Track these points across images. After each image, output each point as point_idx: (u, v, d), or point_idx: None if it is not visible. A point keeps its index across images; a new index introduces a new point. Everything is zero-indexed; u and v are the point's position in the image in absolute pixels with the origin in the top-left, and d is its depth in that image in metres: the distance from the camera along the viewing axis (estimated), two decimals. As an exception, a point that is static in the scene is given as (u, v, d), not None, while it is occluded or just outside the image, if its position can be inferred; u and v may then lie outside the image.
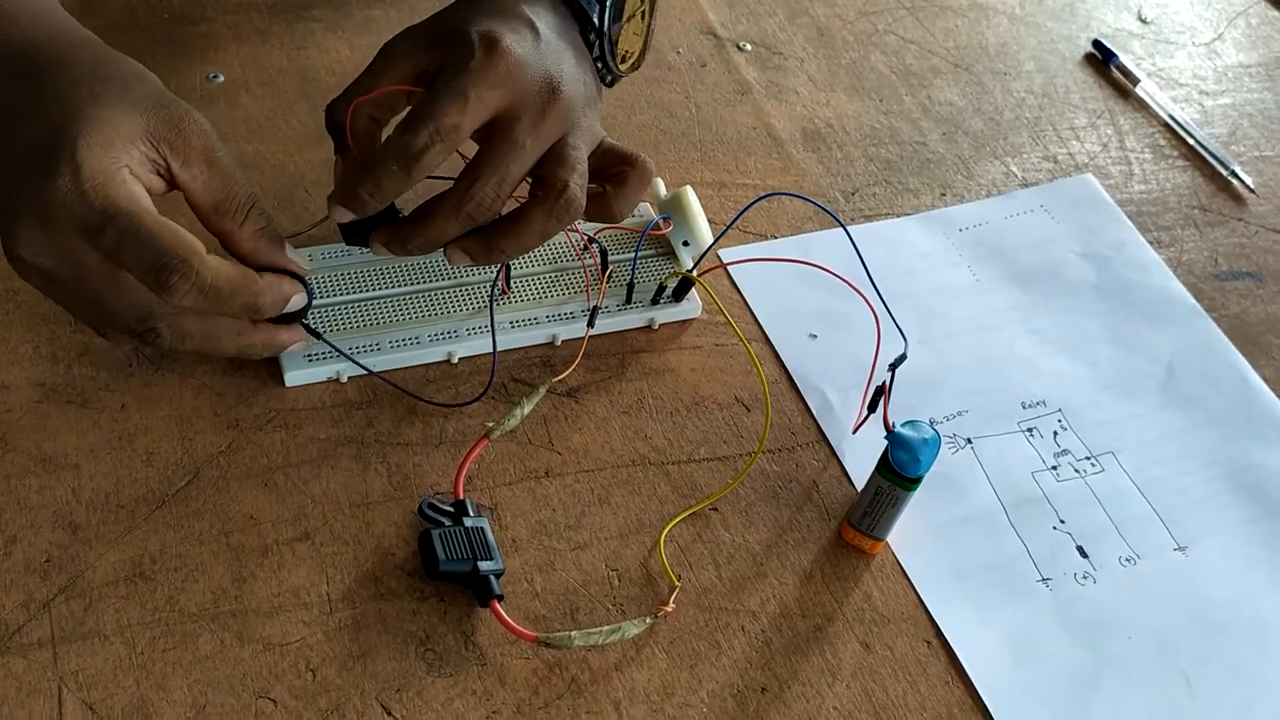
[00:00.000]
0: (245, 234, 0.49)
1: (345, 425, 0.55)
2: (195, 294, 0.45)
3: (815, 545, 0.54)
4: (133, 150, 0.45)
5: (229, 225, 0.48)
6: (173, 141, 0.46)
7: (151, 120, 0.46)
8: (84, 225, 0.44)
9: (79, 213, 0.44)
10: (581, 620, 0.50)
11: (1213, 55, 0.87)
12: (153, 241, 0.44)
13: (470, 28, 0.50)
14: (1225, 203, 0.75)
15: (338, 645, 0.48)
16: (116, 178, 0.45)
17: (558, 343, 0.59)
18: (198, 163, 0.47)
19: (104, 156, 0.44)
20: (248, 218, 0.48)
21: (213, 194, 0.48)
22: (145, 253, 0.44)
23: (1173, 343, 0.66)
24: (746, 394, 0.59)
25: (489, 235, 0.52)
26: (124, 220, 0.44)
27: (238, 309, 0.48)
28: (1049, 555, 0.56)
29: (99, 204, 0.44)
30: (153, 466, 0.52)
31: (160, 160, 0.46)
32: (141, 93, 0.47)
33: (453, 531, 0.50)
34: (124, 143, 0.45)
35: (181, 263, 0.44)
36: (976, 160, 0.75)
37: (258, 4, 0.73)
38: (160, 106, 0.47)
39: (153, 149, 0.46)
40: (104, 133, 0.45)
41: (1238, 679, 0.52)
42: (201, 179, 0.47)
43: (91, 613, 0.47)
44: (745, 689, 0.49)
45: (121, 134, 0.45)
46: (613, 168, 0.55)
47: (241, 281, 0.47)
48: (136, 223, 0.44)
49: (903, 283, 0.66)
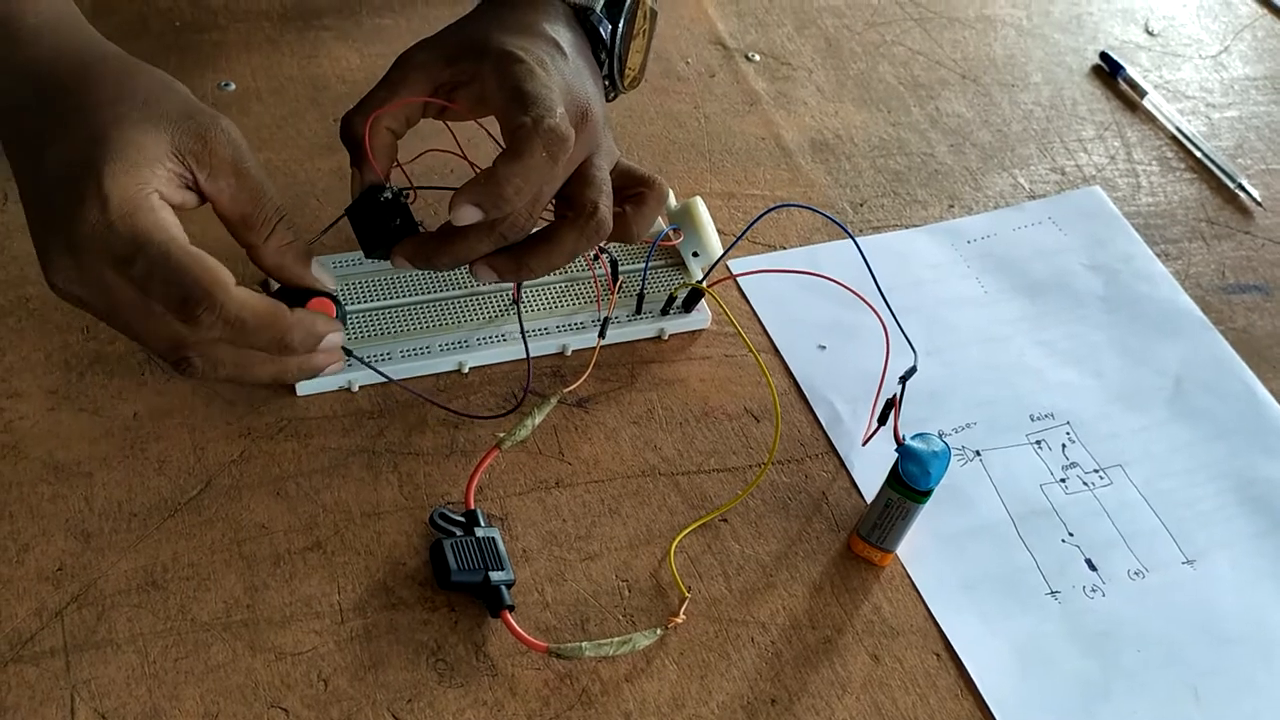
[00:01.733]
0: (270, 248, 0.48)
1: (357, 434, 0.55)
2: (221, 327, 0.45)
3: (825, 557, 0.54)
4: (159, 170, 0.45)
5: (254, 239, 0.48)
6: (199, 154, 0.46)
7: (177, 135, 0.46)
8: (114, 256, 0.44)
9: (108, 244, 0.44)
10: (592, 631, 0.50)
11: (1219, 68, 0.87)
12: (180, 274, 0.44)
13: (499, 46, 0.50)
14: (1232, 215, 0.75)
15: (349, 655, 0.48)
16: (144, 206, 0.44)
17: (568, 353, 0.60)
18: (224, 175, 0.47)
19: (130, 184, 0.44)
20: (274, 232, 0.48)
21: (239, 207, 0.47)
22: (172, 285, 0.44)
23: (1180, 355, 0.66)
24: (756, 405, 0.59)
25: (518, 254, 0.51)
26: (152, 251, 0.44)
27: (265, 344, 0.47)
28: (1058, 568, 0.56)
29: (127, 235, 0.44)
30: (165, 475, 0.52)
31: (188, 174, 0.46)
32: (167, 106, 0.46)
33: (464, 542, 0.50)
34: (150, 164, 0.45)
35: (206, 296, 0.44)
36: (984, 172, 0.75)
37: (268, 12, 0.74)
38: (185, 118, 0.46)
39: (180, 164, 0.46)
40: (129, 157, 0.44)
41: (1245, 691, 0.52)
42: (228, 192, 0.47)
43: (104, 621, 0.47)
44: (755, 700, 0.49)
45: (147, 155, 0.45)
46: (630, 188, 0.56)
47: (269, 317, 0.46)
48: (164, 253, 0.44)
49: (911, 294, 0.66)
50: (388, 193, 0.52)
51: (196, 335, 0.45)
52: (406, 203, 0.54)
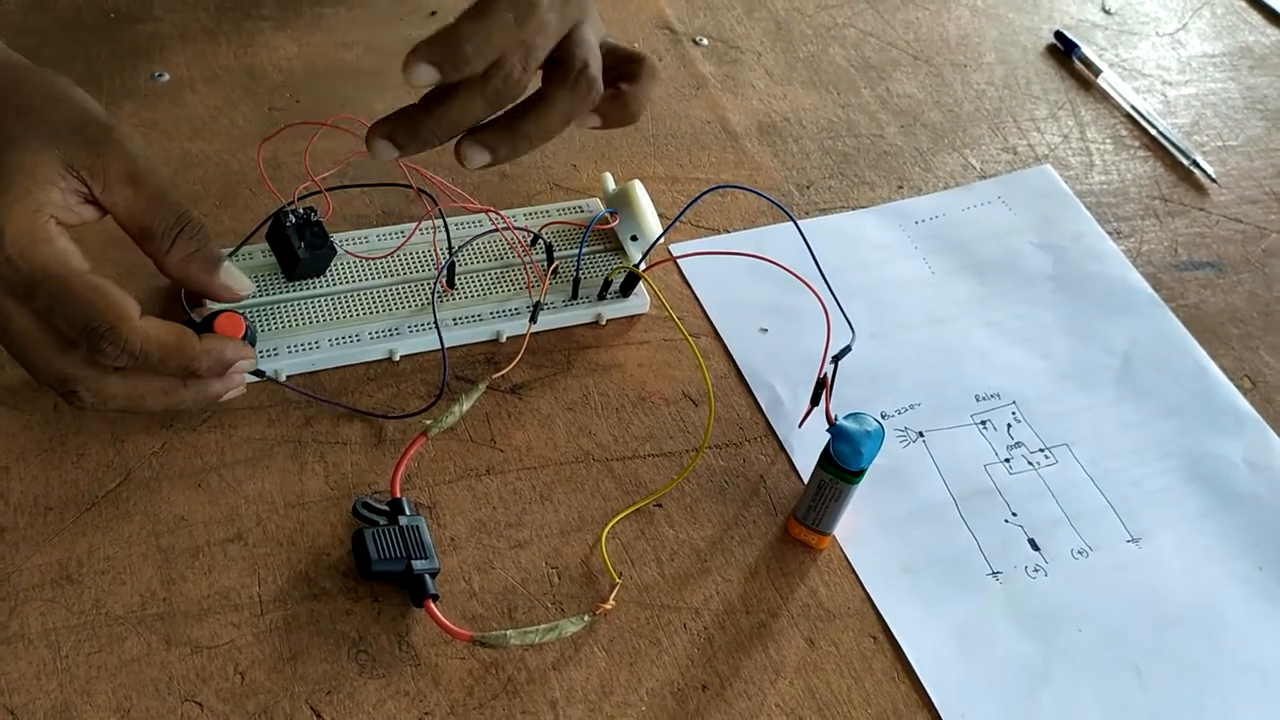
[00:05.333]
0: (173, 259, 0.48)
1: (283, 425, 0.54)
2: (125, 358, 0.45)
3: (761, 541, 0.53)
4: (53, 192, 0.44)
5: (155, 250, 0.47)
6: (91, 167, 0.45)
7: (67, 150, 0.45)
8: (12, 289, 0.44)
9: (6, 276, 0.43)
10: (519, 619, 0.49)
11: (1176, 45, 0.86)
12: (82, 306, 0.43)
13: None
14: (1186, 193, 0.75)
15: (267, 647, 0.47)
16: (41, 236, 0.44)
17: (503, 339, 0.59)
18: (118, 187, 0.46)
19: (24, 214, 0.43)
20: (174, 243, 0.47)
21: (137, 219, 0.47)
22: (74, 318, 0.44)
23: (1129, 333, 0.65)
24: (694, 389, 0.59)
25: (511, 120, 0.50)
26: (52, 285, 0.43)
27: (172, 371, 0.47)
28: (1000, 548, 0.55)
29: (25, 269, 0.43)
30: (83, 468, 0.51)
31: (84, 188, 0.45)
32: (57, 120, 0.45)
33: (387, 530, 0.49)
34: (43, 187, 0.44)
35: (110, 330, 0.44)
36: (934, 152, 0.74)
37: (205, 2, 0.73)
38: (76, 131, 0.45)
39: (74, 179, 0.45)
40: (21, 182, 0.43)
41: (1189, 671, 0.51)
42: (124, 204, 0.46)
43: (16, 616, 0.46)
44: (686, 687, 0.48)
45: (38, 178, 0.44)
46: (620, 66, 0.56)
47: (175, 346, 0.46)
48: (65, 288, 0.43)
49: (857, 276, 0.65)
50: (292, 216, 0.53)
51: (95, 369, 0.45)
52: (318, 220, 0.54)
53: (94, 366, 0.46)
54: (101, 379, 0.46)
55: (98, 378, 0.46)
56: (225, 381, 0.50)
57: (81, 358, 0.46)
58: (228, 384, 0.50)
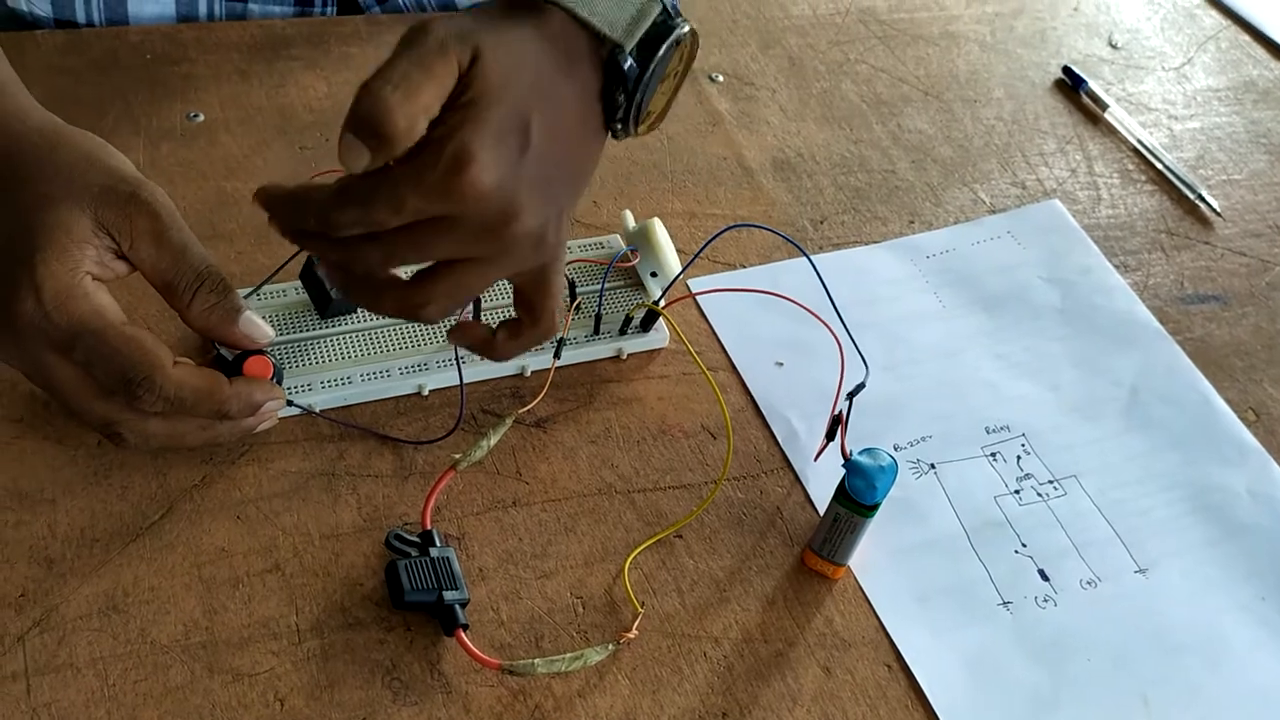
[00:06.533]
0: (194, 313, 0.50)
1: (317, 458, 0.56)
2: (161, 404, 0.48)
3: (778, 571, 0.55)
4: (88, 250, 0.47)
5: (177, 304, 0.50)
6: (119, 226, 0.48)
7: (99, 209, 0.47)
8: (53, 343, 0.47)
9: (45, 331, 0.46)
10: (546, 648, 0.51)
11: (1182, 80, 0.88)
12: (118, 358, 0.47)
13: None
14: (1192, 226, 0.76)
15: (305, 675, 0.49)
16: (78, 291, 0.46)
17: (527, 374, 0.61)
18: (144, 244, 0.49)
19: (62, 271, 0.46)
20: (195, 296, 0.50)
21: (160, 274, 0.49)
22: (111, 368, 0.47)
23: (1136, 366, 0.67)
24: (713, 422, 0.60)
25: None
26: (89, 339, 0.46)
27: (205, 414, 0.50)
28: (1010, 579, 0.56)
29: (63, 324, 0.46)
30: (127, 501, 0.53)
31: (115, 245, 0.48)
32: (89, 180, 0.48)
33: (418, 562, 0.51)
34: (79, 245, 0.47)
35: (146, 380, 0.47)
36: (945, 187, 0.76)
37: (238, 44, 0.75)
38: (106, 191, 0.48)
39: (107, 237, 0.48)
40: (58, 242, 0.46)
41: (1194, 699, 0.53)
42: (149, 260, 0.49)
43: (65, 646, 0.48)
44: (706, 714, 0.50)
45: (74, 237, 0.47)
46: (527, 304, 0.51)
47: (206, 391, 0.49)
48: (101, 340, 0.46)
49: (869, 310, 0.67)
50: None
51: (135, 412, 0.48)
52: None
53: (133, 410, 0.49)
54: (142, 421, 0.49)
55: (138, 420, 0.49)
56: (259, 416, 0.53)
57: (121, 403, 0.49)
58: (260, 418, 0.53)
